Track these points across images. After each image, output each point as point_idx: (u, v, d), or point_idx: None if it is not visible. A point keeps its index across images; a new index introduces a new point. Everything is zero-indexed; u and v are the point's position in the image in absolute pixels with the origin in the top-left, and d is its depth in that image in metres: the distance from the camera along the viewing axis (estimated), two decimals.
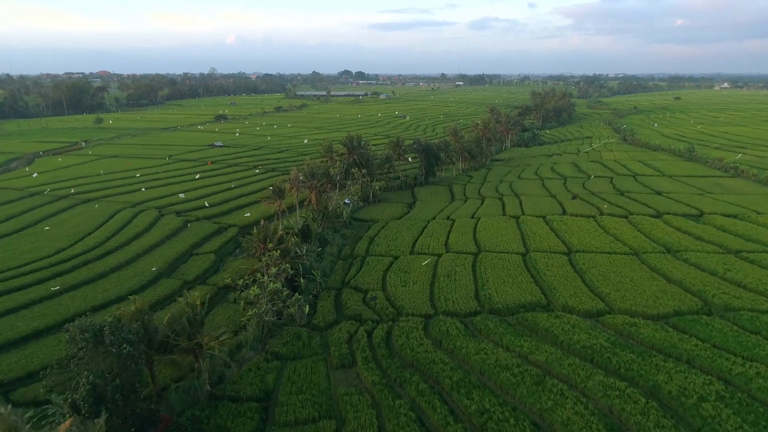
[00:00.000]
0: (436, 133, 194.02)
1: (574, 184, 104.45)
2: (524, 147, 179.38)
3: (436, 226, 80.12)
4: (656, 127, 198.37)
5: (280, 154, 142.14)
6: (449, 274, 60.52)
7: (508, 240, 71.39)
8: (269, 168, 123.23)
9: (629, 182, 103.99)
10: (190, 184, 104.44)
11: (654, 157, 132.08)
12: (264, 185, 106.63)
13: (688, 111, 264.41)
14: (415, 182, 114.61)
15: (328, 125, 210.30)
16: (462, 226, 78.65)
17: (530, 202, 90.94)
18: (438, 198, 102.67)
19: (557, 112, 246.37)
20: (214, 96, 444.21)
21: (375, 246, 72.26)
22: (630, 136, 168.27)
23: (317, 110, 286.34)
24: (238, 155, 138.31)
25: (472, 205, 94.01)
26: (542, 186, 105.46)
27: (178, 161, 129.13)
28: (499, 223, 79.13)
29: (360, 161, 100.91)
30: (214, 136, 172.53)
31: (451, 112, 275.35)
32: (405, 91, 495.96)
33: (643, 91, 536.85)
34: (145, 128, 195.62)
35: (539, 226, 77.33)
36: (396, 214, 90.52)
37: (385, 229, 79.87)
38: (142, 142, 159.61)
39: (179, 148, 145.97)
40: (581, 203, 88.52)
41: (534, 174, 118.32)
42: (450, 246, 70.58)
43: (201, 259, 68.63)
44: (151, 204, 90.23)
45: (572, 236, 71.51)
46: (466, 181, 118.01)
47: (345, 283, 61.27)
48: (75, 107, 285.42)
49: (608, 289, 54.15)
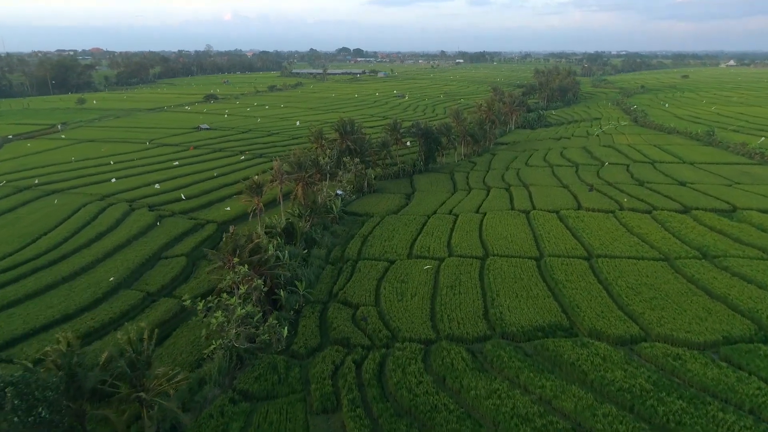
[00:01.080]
0: (436, 114, 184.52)
1: (587, 173, 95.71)
2: (529, 129, 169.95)
3: (437, 222, 71.69)
4: (667, 108, 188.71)
5: (270, 138, 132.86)
6: (453, 284, 52.25)
7: (519, 241, 63.02)
8: (256, 154, 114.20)
9: (648, 170, 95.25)
10: (167, 173, 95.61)
11: (670, 141, 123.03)
12: (249, 173, 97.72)
13: (698, 90, 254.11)
14: (414, 169, 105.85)
15: (323, 105, 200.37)
16: (466, 223, 70.22)
17: (541, 194, 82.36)
18: (439, 188, 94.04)
19: (562, 92, 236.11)
20: (207, 74, 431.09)
21: (368, 247, 63.91)
22: (642, 117, 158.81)
23: (312, 89, 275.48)
24: (225, 139, 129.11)
25: (477, 196, 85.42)
26: (552, 174, 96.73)
27: (159, 146, 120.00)
28: (507, 220, 70.68)
29: (353, 148, 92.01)
30: (201, 118, 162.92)
31: (451, 91, 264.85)
32: (404, 69, 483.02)
33: (647, 68, 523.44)
34: (130, 109, 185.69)
35: (553, 223, 68.91)
36: (393, 206, 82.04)
37: (380, 226, 71.46)
38: (124, 125, 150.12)
39: (162, 132, 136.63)
40: (598, 196, 79.93)
41: (542, 160, 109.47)
42: (453, 248, 62.23)
43: (170, 263, 60.27)
44: (122, 196, 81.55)
45: (591, 236, 63.12)
46: (469, 167, 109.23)
47: (332, 295, 53.03)
48: (61, 86, 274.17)
49: (641, 308, 45.91)
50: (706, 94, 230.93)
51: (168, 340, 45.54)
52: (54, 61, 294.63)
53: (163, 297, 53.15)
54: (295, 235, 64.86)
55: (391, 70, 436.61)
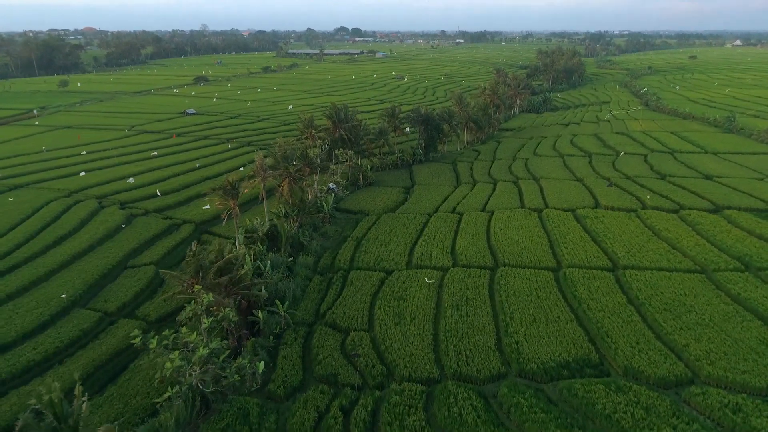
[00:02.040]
0: (436, 97, 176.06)
1: (601, 164, 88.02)
2: (535, 113, 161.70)
3: (439, 223, 64.29)
4: (679, 90, 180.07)
5: (260, 123, 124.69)
6: (459, 303, 45.02)
7: (533, 247, 55.66)
8: (244, 142, 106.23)
9: (668, 161, 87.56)
10: (145, 164, 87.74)
11: (687, 128, 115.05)
12: (235, 164, 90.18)
13: (708, 71, 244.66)
14: (414, 159, 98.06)
15: (318, 88, 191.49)
16: (472, 224, 62.82)
17: (553, 189, 74.84)
18: (440, 180, 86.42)
19: (567, 73, 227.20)
20: (201, 55, 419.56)
21: (362, 253, 56.58)
22: (655, 102, 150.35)
23: (308, 70, 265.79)
24: (212, 125, 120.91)
25: (482, 191, 77.89)
26: (564, 165, 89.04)
27: (140, 133, 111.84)
28: (518, 221, 63.27)
29: (347, 137, 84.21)
30: (188, 102, 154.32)
31: (451, 72, 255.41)
32: (403, 49, 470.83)
33: (651, 48, 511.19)
34: (115, 92, 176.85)
35: (569, 224, 61.50)
36: (390, 202, 74.58)
37: (375, 227, 64.07)
38: (106, 109, 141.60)
39: (145, 117, 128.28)
40: (617, 192, 72.39)
41: (552, 149, 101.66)
42: (458, 255, 54.90)
43: (136, 274, 52.92)
44: (92, 192, 73.88)
45: (614, 242, 55.76)
46: (472, 157, 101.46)
47: (319, 315, 45.79)
48: (46, 67, 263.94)
49: (683, 337, 38.72)
50: (717, 76, 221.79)
51: (124, 375, 38.44)
52: (39, 42, 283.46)
53: (124, 318, 45.92)
54: (279, 239, 57.55)
55: (389, 50, 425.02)
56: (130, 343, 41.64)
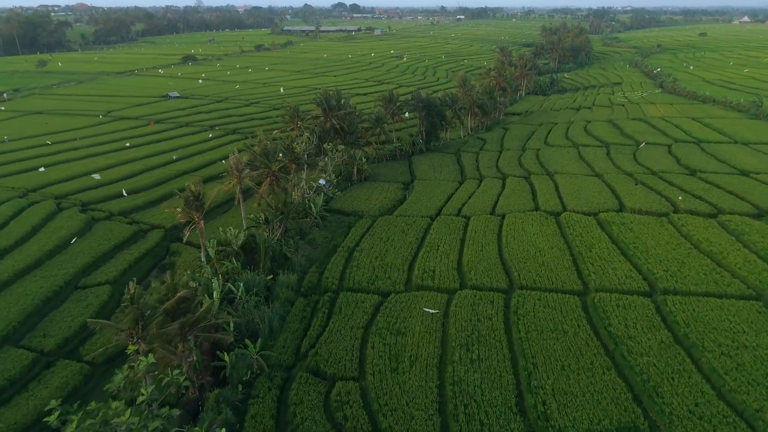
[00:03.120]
0: (437, 78, 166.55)
1: (621, 156, 79.62)
2: (542, 95, 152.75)
3: (442, 229, 56.19)
4: (693, 71, 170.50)
5: (248, 109, 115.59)
6: (469, 342, 37.18)
7: (553, 263, 47.68)
8: (228, 130, 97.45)
9: (695, 153, 79.13)
10: (115, 157, 79.16)
11: (709, 113, 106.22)
12: (217, 155, 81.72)
13: (720, 50, 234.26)
14: (414, 149, 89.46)
15: (313, 68, 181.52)
16: (480, 232, 54.74)
17: (570, 187, 66.63)
18: (443, 174, 78.05)
19: (574, 52, 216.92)
20: (194, 32, 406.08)
21: (354, 269, 48.61)
22: (671, 84, 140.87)
23: (303, 48, 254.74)
24: (195, 110, 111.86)
25: (491, 188, 69.64)
26: (579, 158, 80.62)
27: (116, 119, 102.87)
28: (533, 227, 55.19)
29: (340, 126, 75.54)
30: (173, 83, 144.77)
31: (452, 51, 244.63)
32: (402, 25, 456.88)
33: (657, 25, 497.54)
34: (97, 73, 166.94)
35: (592, 232, 53.42)
36: (387, 201, 66.46)
37: (370, 234, 56.00)
38: (84, 92, 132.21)
39: (124, 101, 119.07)
40: (644, 191, 64.17)
41: (565, 137, 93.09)
42: (466, 273, 46.95)
43: (86, 298, 44.98)
44: (52, 190, 65.59)
45: (648, 257, 47.78)
46: (478, 146, 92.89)
47: (300, 354, 37.97)
48: (29, 46, 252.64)
49: (755, 398, 30.90)
50: (731, 55, 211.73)
51: None
52: (22, 18, 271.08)
53: (64, 359, 38.07)
54: (258, 253, 49.49)
55: (388, 27, 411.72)
56: (71, 390, 34.11)
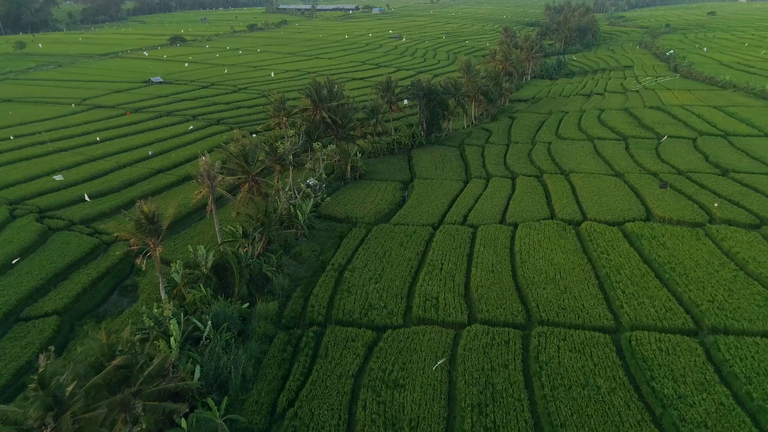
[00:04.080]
0: (437, 61, 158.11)
1: (642, 151, 72.33)
2: (548, 79, 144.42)
3: (446, 242, 49.19)
4: (707, 53, 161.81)
5: (235, 96, 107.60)
6: (483, 402, 30.44)
7: (576, 288, 40.78)
8: (213, 120, 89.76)
9: (724, 149, 71.80)
10: (84, 153, 71.68)
11: (731, 101, 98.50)
12: (197, 150, 74.25)
13: (732, 30, 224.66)
14: (413, 142, 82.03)
15: (307, 50, 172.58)
16: (490, 247, 47.76)
17: (589, 189, 59.51)
18: (446, 172, 70.79)
19: (581, 33, 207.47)
20: (187, 10, 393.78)
21: (344, 294, 41.74)
22: (687, 68, 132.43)
23: (297, 28, 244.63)
24: (178, 98, 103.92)
25: (499, 190, 62.44)
26: (596, 153, 73.33)
27: (90, 108, 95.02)
28: (550, 241, 48.20)
29: (332, 119, 68.00)
30: (157, 67, 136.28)
31: (453, 30, 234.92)
32: (401, 4, 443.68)
33: (662, 3, 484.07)
34: (78, 55, 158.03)
35: (619, 248, 46.44)
36: (384, 204, 59.49)
37: (364, 248, 49.03)
38: (61, 77, 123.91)
39: (103, 87, 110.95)
40: (673, 195, 57.03)
41: (578, 128, 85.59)
42: (474, 300, 40.12)
43: (28, 333, 38.11)
44: (5, 194, 58.30)
45: (689, 282, 40.87)
46: (483, 138, 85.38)
47: (276, 414, 31.24)
48: (13, 25, 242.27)
49: None
50: (744, 35, 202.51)
51: None
52: None
53: None
54: (232, 276, 42.56)
55: (386, 5, 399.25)
56: None
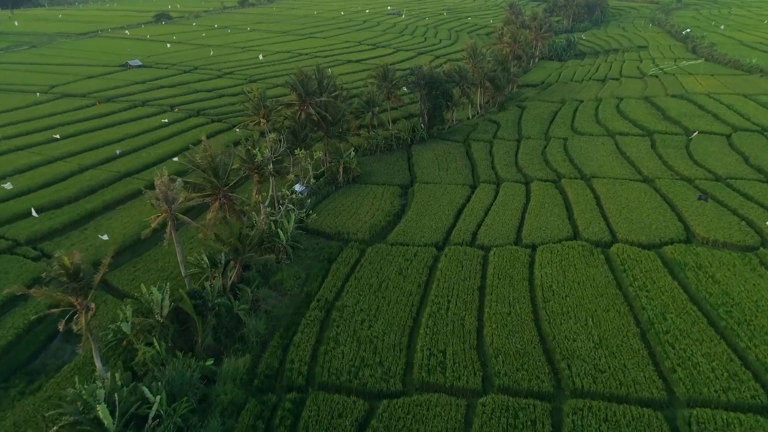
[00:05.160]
0: (439, 40, 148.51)
1: (671, 150, 64.36)
2: (557, 60, 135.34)
3: (453, 270, 41.70)
4: (724, 31, 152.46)
5: (219, 81, 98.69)
6: None
7: (614, 340, 33.37)
8: (192, 111, 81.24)
9: (764, 147, 63.82)
10: (42, 152, 63.47)
11: (762, 88, 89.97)
12: (173, 148, 66.42)
13: (747, 5, 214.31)
14: (413, 137, 73.88)
15: (300, 28, 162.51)
16: (505, 278, 40.27)
17: (615, 200, 51.79)
18: (450, 173, 62.88)
19: (589, 9, 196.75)
20: None
21: (331, 346, 34.40)
22: (708, 49, 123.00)
23: (291, 4, 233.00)
24: (156, 84, 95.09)
25: (512, 199, 54.57)
26: (618, 152, 65.39)
27: (57, 98, 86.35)
28: (576, 271, 40.69)
29: (322, 116, 59.75)
30: (138, 48, 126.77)
31: (454, 6, 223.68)
32: None
33: None
34: (56, 33, 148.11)
35: (660, 282, 38.93)
36: (381, 215, 52.02)
37: (356, 277, 41.57)
38: (33, 59, 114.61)
39: (76, 72, 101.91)
40: (715, 209, 49.26)
41: (595, 121, 77.39)
42: (490, 357, 32.75)
43: None
44: None
45: (753, 334, 33.52)
46: (490, 132, 77.13)
47: None
48: None
49: None
50: (761, 11, 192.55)
51: None
52: None
53: None
54: (194, 325, 35.04)
55: None
56: None
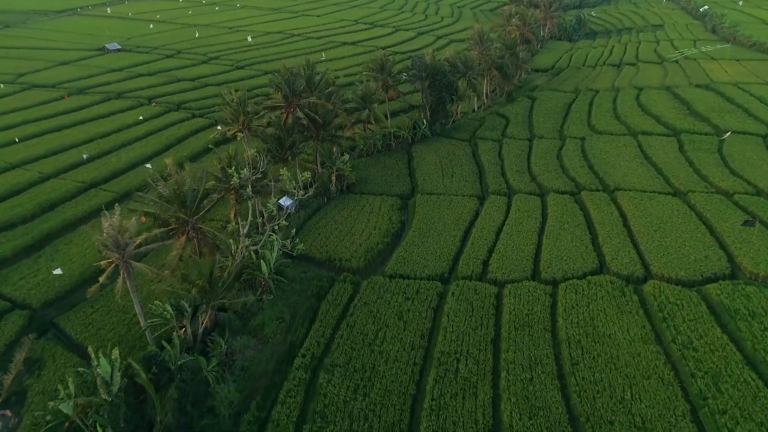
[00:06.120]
0: (440, 18, 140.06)
1: (701, 154, 57.71)
2: (567, 41, 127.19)
3: (462, 314, 35.76)
4: (742, 7, 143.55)
5: (204, 68, 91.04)
6: None
7: (661, 422, 27.50)
8: (173, 104, 74.04)
9: None
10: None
11: None
12: (148, 150, 59.82)
13: None
14: (414, 136, 67.10)
15: (293, 5, 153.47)
16: (523, 330, 34.29)
17: (645, 220, 45.48)
18: (455, 181, 56.30)
19: None
20: None
21: (318, 422, 28.68)
22: (730, 30, 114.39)
23: None
24: (135, 72, 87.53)
25: (526, 216, 48.14)
26: (642, 155, 58.75)
27: (25, 89, 79.01)
28: (607, 318, 34.69)
29: (311, 119, 52.83)
30: (119, 27, 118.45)
31: None
32: None
33: None
34: (33, 12, 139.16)
35: (709, 337, 32.92)
36: (377, 236, 46.08)
37: (348, 324, 35.58)
38: (2, 42, 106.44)
39: (49, 57, 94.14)
40: (763, 234, 42.97)
41: (613, 116, 70.52)
42: None
43: None
44: None
45: None
46: (499, 129, 70.22)
47: None
48: None
49: None
50: None
51: None
52: None
53: None
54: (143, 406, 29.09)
55: None
56: None
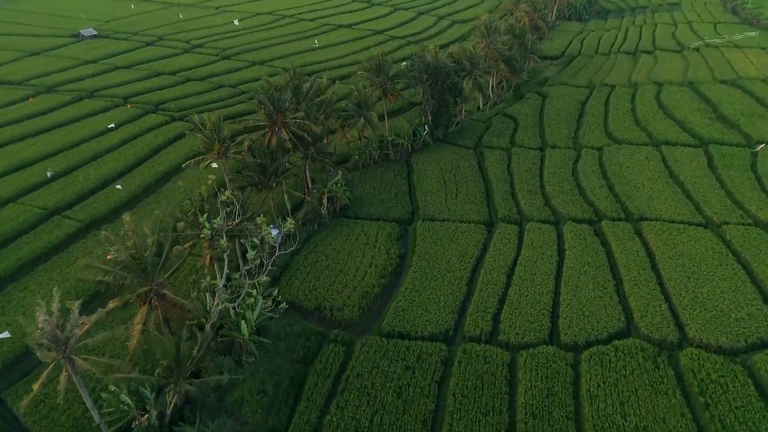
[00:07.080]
0: None
1: (734, 172, 51.89)
2: (577, 21, 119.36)
3: (469, 391, 30.94)
4: None
5: (187, 58, 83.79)
6: None
7: None
8: (150, 105, 67.44)
9: None
10: None
11: None
12: (120, 162, 53.93)
13: None
14: (414, 143, 61.07)
15: None
16: (543, 419, 29.35)
17: (676, 263, 40.16)
18: (459, 201, 50.73)
19: None
20: None
21: None
22: (753, 12, 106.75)
23: None
24: (111, 63, 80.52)
25: (540, 254, 42.70)
26: (668, 173, 52.92)
27: None
28: (638, 399, 30.06)
29: (298, 138, 46.78)
30: (97, 9, 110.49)
31: None
32: None
33: None
34: None
35: (760, 428, 28.04)
36: (373, 278, 41.33)
37: (339, 404, 31.12)
38: None
39: (16, 46, 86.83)
40: None
41: (632, 119, 64.37)
42: None
43: None
44: None
45: None
46: (507, 135, 64.00)
47: None
48: None
49: None
50: None
51: None
52: None
53: None
54: None
55: None
56: None
